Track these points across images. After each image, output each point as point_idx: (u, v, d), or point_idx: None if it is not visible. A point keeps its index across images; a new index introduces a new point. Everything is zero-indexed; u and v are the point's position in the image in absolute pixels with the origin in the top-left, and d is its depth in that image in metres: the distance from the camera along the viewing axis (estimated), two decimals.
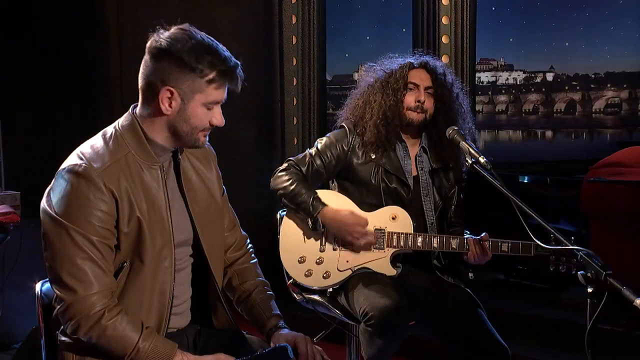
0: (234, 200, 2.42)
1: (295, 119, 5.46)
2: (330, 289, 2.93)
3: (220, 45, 2.03)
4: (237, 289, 2.34)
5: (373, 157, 2.93)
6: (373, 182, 2.92)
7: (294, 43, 5.39)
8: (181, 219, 2.14)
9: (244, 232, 2.43)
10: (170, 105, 2.00)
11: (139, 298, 2.04)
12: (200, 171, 2.22)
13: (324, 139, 3.02)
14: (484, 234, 2.78)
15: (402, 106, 2.93)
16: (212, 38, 2.03)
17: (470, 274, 2.93)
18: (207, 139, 2.10)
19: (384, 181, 2.92)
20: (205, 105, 2.01)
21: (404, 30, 5.45)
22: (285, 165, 3.00)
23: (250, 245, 2.44)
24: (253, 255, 2.42)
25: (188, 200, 2.15)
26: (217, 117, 2.04)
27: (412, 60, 2.97)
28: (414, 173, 2.97)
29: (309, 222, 2.92)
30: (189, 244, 2.17)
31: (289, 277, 2.97)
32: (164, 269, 2.05)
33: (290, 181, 2.92)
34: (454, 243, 2.81)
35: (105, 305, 1.95)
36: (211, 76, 1.97)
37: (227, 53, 2.02)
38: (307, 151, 3.01)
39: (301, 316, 3.09)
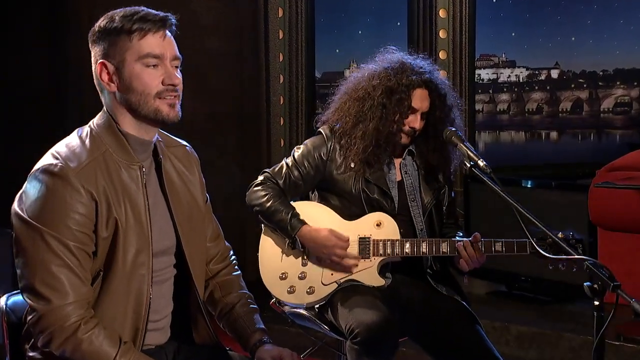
0: (216, 206, 2.42)
1: (282, 119, 5.47)
2: (317, 305, 2.93)
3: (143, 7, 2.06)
4: (219, 302, 2.34)
5: (353, 166, 2.92)
6: (353, 192, 2.92)
7: (280, 38, 5.40)
8: (164, 224, 2.13)
9: (227, 243, 2.43)
10: (110, 80, 2.02)
11: (113, 308, 2.03)
12: (183, 174, 2.22)
13: (301, 147, 3.01)
14: (475, 234, 2.79)
15: (394, 128, 2.89)
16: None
17: (465, 279, 2.92)
18: (179, 111, 2.06)
19: (365, 191, 2.91)
20: (142, 62, 1.99)
21: (398, 24, 5.47)
22: (260, 178, 2.99)
23: (233, 257, 2.44)
24: (236, 267, 2.42)
25: (171, 204, 2.14)
26: (168, 73, 2.01)
27: (415, 77, 2.87)
28: (399, 178, 2.98)
29: (288, 242, 2.92)
30: (171, 253, 2.17)
31: (272, 296, 2.97)
32: (140, 277, 2.04)
33: (267, 197, 2.92)
34: (444, 246, 2.81)
35: (81, 316, 1.94)
36: (128, 26, 1.99)
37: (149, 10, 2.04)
38: (283, 161, 3.00)
39: (289, 331, 3.08)
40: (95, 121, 2.08)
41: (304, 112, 5.43)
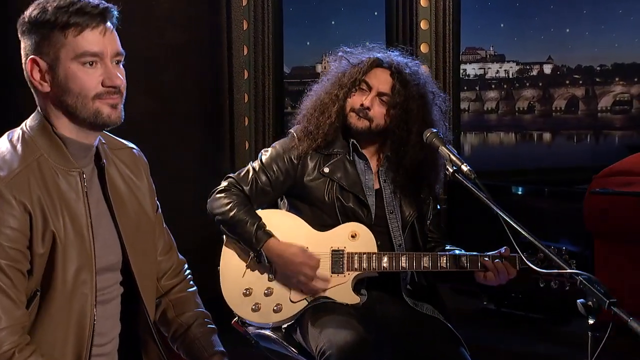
0: (173, 216, 2.41)
1: (246, 119, 5.45)
2: (285, 325, 2.93)
3: None
4: (173, 322, 2.33)
5: (327, 171, 2.95)
6: (327, 200, 2.94)
7: (244, 29, 5.39)
8: (109, 238, 2.12)
9: (181, 257, 2.43)
10: (43, 79, 1.99)
11: (52, 332, 2.01)
12: (130, 180, 2.20)
13: (269, 149, 3.02)
14: (504, 248, 2.79)
15: (345, 107, 2.95)
16: None
17: (484, 300, 2.94)
18: (122, 112, 2.03)
19: (339, 200, 2.93)
20: (78, 61, 1.96)
21: (375, 13, 5.48)
22: (224, 184, 2.99)
23: (188, 271, 2.43)
24: (192, 282, 2.42)
25: (116, 214, 2.12)
26: (108, 73, 1.98)
27: (381, 56, 2.97)
28: (377, 186, 2.99)
29: (252, 255, 2.92)
30: (117, 269, 2.15)
31: (234, 314, 2.97)
32: (82, 297, 2.02)
33: (230, 205, 2.92)
34: (426, 261, 2.83)
35: (15, 343, 1.92)
36: (63, 20, 1.94)
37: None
38: (249, 165, 3.01)
39: (253, 354, 3.09)
40: (28, 123, 2.06)
41: (271, 112, 5.41)
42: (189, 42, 5.40)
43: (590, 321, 2.00)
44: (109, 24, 2.00)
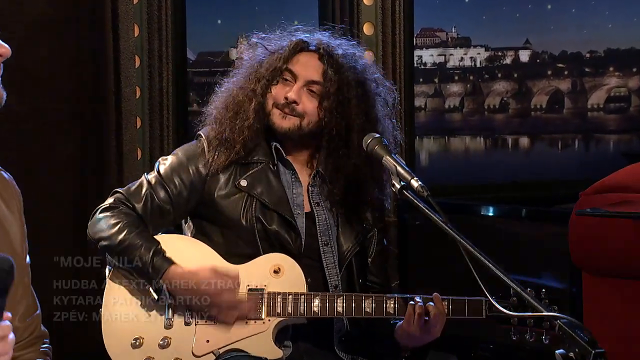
0: (39, 252, 2.39)
1: (138, 119, 5.42)
2: None
3: None
4: None
5: (244, 184, 2.95)
6: (243, 222, 2.94)
7: (135, 2, 5.37)
8: None
9: (44, 329, 2.38)
10: None
11: None
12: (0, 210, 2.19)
13: (169, 157, 3.02)
14: (434, 294, 2.83)
15: (266, 104, 2.99)
16: None
17: None
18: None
19: (260, 221, 2.94)
20: None
21: None
22: (110, 201, 2.98)
23: (47, 346, 2.38)
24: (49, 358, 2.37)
25: None
26: None
27: (306, 38, 3.01)
28: (307, 209, 3.01)
29: (151, 292, 2.91)
30: None
31: None
32: None
33: (118, 226, 2.91)
34: (368, 305, 2.85)
35: None
36: None
37: None
38: (143, 177, 3.01)
39: None
40: None
41: (171, 110, 5.39)
42: (59, 18, 5.35)
43: None
44: None
